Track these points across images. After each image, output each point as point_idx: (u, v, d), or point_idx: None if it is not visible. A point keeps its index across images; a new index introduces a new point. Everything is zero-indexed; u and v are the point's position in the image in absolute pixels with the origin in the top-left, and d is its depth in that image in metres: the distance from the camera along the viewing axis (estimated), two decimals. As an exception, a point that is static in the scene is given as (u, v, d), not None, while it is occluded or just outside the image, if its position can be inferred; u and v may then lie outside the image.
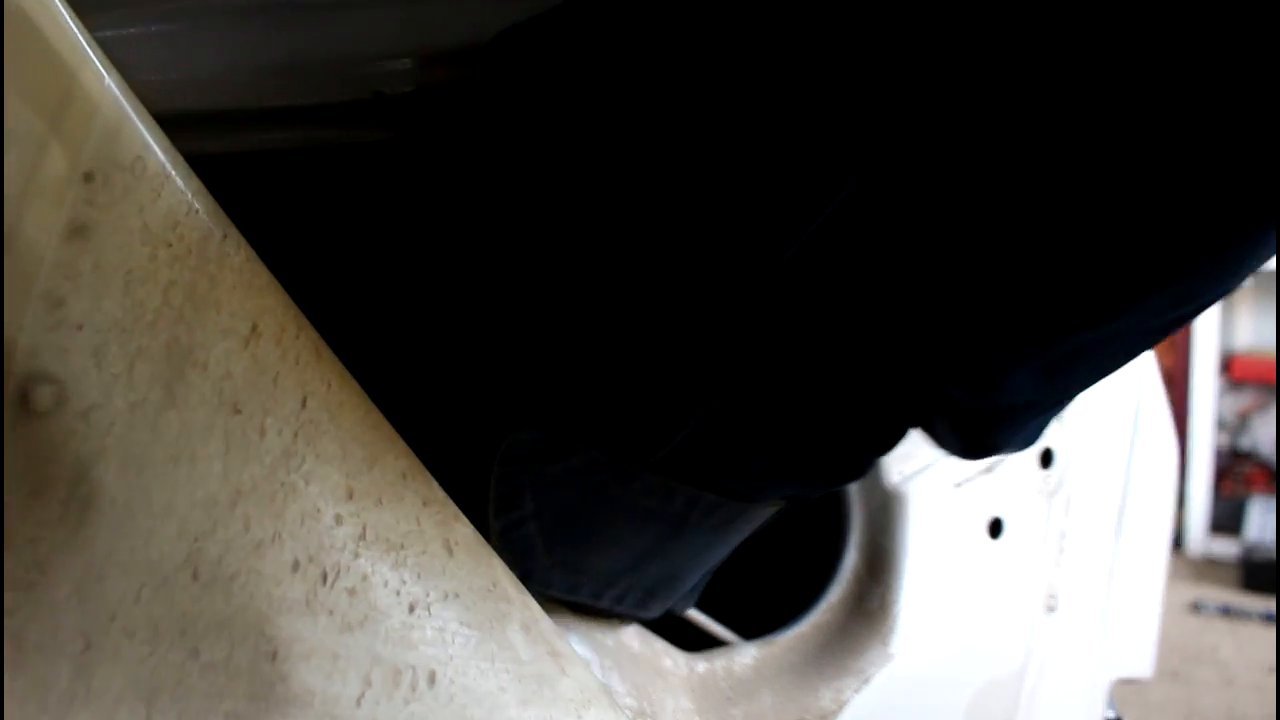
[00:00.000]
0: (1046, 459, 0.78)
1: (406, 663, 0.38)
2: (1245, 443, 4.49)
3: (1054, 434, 0.78)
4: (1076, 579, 0.83)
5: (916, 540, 0.70)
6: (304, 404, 0.36)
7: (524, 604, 0.43)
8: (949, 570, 0.73)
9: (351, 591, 0.37)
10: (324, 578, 0.36)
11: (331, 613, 0.36)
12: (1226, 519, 4.23)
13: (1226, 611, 3.58)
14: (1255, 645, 3.30)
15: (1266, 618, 3.50)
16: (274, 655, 0.35)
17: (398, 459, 0.39)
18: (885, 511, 0.71)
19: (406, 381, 0.50)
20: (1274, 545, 3.85)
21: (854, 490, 0.72)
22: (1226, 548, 4.14)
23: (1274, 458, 4.37)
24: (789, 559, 0.77)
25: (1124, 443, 0.86)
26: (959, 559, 0.74)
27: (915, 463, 0.71)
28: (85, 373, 0.31)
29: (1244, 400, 4.50)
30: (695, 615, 0.67)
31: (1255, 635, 3.39)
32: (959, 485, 0.75)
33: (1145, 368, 0.83)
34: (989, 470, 0.75)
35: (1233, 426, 4.50)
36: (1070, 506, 0.82)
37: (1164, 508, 0.97)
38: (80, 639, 0.33)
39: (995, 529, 0.75)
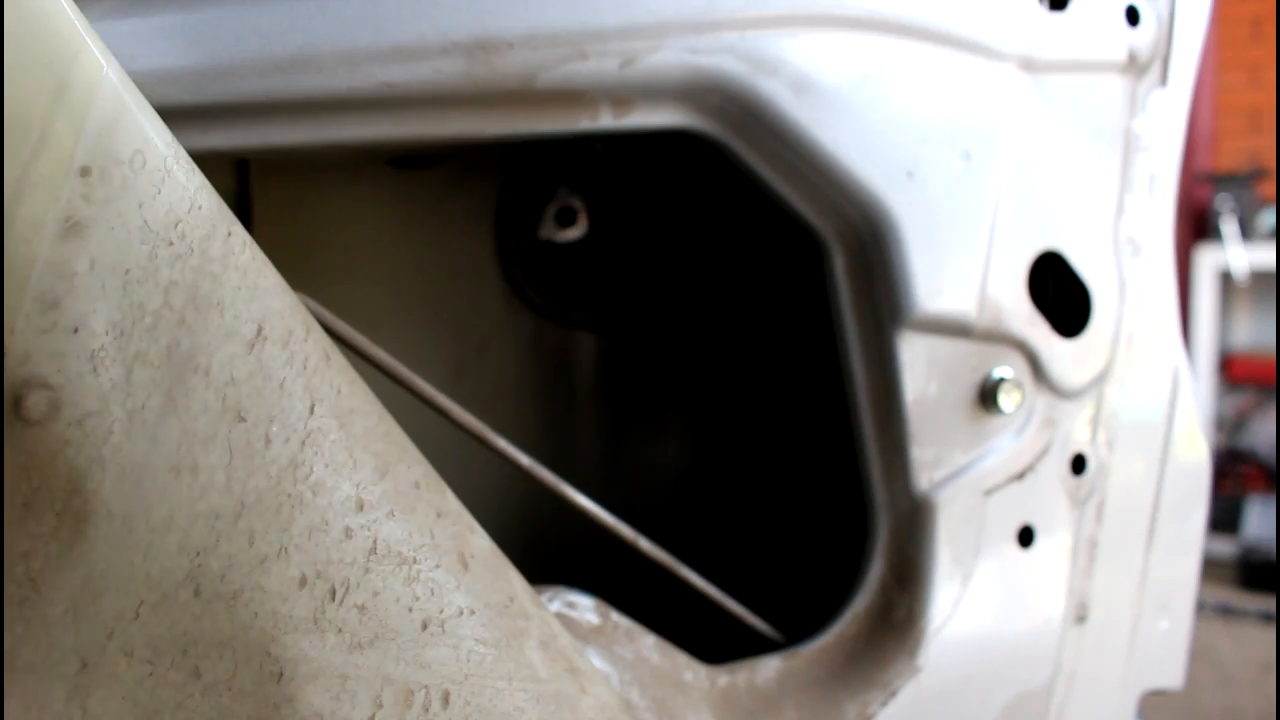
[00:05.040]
0: (1078, 465, 0.76)
1: (419, 683, 0.36)
2: (1243, 443, 4.46)
3: (1086, 440, 0.76)
4: (1107, 588, 0.81)
5: (945, 549, 0.68)
6: (312, 410, 0.34)
7: (542, 619, 0.41)
8: (978, 580, 0.72)
9: (361, 608, 0.35)
10: (333, 594, 0.35)
11: (340, 631, 0.35)
12: (1224, 518, 4.20)
13: (1224, 611, 3.56)
14: (1253, 644, 3.28)
15: (1264, 617, 3.48)
16: (280, 675, 0.34)
17: (410, 468, 0.37)
18: (913, 520, 0.69)
19: None
20: (1271, 545, 3.83)
21: (881, 498, 0.71)
22: (1224, 547, 4.11)
23: (1272, 458, 4.34)
24: (814, 568, 0.75)
25: (1157, 449, 0.84)
26: (989, 568, 0.72)
27: (944, 470, 0.69)
28: (81, 378, 0.30)
29: (1242, 400, 4.47)
30: (739, 610, 0.66)
31: (1253, 634, 3.37)
32: (988, 492, 0.73)
33: (1179, 372, 0.81)
34: (1020, 477, 0.73)
35: (1230, 426, 4.48)
36: (1102, 514, 0.80)
37: (1196, 516, 0.95)
38: (76, 659, 0.31)
39: (1025, 537, 0.73)
